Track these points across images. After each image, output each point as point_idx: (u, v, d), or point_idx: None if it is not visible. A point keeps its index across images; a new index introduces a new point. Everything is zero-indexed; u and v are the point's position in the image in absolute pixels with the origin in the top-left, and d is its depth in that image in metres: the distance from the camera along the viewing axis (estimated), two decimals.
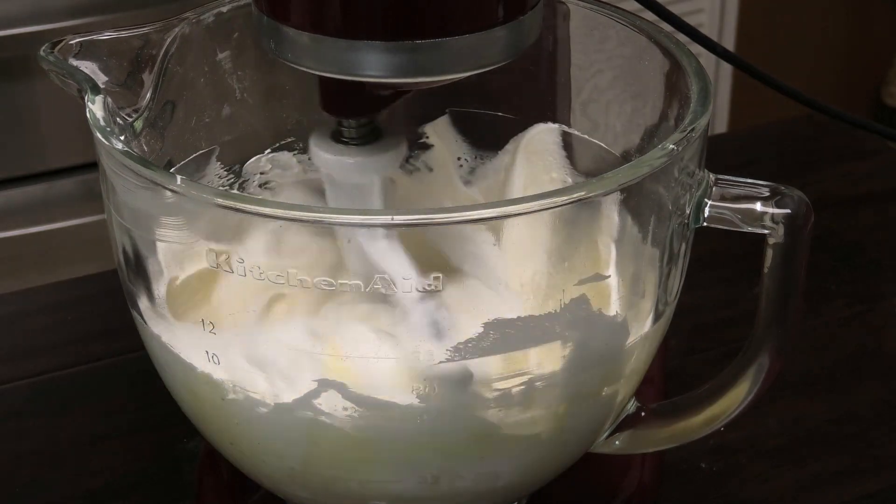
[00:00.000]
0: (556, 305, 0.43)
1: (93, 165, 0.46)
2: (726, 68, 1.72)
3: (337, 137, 0.48)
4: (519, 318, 0.43)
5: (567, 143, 0.55)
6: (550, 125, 0.55)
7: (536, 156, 0.54)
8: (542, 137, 0.55)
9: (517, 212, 0.41)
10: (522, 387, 0.43)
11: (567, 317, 0.43)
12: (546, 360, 0.44)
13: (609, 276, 0.44)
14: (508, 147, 0.56)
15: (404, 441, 0.44)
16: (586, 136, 0.54)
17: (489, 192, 0.55)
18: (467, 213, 0.41)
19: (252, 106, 0.54)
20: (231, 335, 0.44)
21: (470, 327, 0.42)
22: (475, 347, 0.42)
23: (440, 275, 0.41)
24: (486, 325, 0.42)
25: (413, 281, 0.41)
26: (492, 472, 0.46)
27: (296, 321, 0.44)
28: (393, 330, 0.43)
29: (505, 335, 0.43)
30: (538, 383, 0.44)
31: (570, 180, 0.54)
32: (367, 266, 0.42)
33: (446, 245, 0.45)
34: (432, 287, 0.41)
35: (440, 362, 0.42)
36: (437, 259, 0.43)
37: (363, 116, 0.48)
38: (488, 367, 0.43)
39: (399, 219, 0.40)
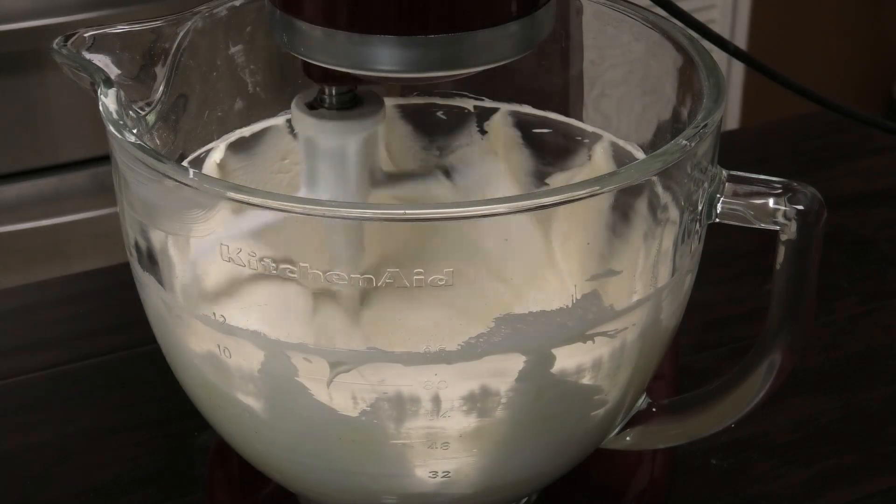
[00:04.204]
0: (568, 301, 0.43)
1: (105, 158, 0.46)
2: (738, 65, 1.71)
3: (318, 104, 0.49)
4: (530, 313, 0.43)
5: None
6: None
7: None
8: None
9: (526, 207, 0.41)
10: (533, 383, 0.43)
11: (578, 312, 0.43)
12: (557, 356, 0.43)
13: (621, 272, 0.44)
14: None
15: (414, 437, 0.44)
16: (599, 132, 0.54)
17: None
18: (475, 208, 0.41)
19: (264, 100, 0.54)
20: (243, 328, 0.44)
21: (481, 323, 0.42)
22: (486, 343, 0.42)
23: (451, 269, 0.41)
24: (498, 321, 0.42)
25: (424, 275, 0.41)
26: (502, 468, 0.46)
27: (306, 315, 0.44)
28: (404, 323, 0.43)
29: (516, 330, 0.43)
30: (549, 379, 0.44)
31: None
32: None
33: (458, 240, 0.45)
34: (443, 282, 0.41)
35: (451, 358, 0.42)
36: (449, 253, 0.43)
37: (343, 85, 0.49)
38: (498, 363, 0.43)
39: (412, 213, 0.40)
